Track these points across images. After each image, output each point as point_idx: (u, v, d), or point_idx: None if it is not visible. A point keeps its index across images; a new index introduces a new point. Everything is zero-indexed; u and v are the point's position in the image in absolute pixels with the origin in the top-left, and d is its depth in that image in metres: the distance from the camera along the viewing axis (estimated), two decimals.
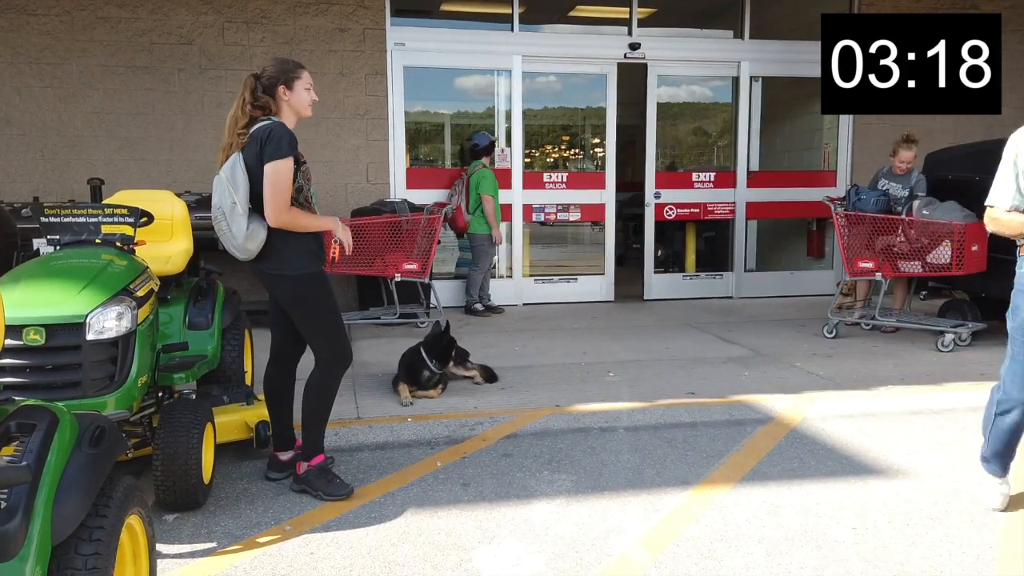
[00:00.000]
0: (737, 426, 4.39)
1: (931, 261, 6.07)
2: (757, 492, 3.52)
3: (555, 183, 8.34)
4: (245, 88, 3.32)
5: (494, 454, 3.98)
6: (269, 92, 3.34)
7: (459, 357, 5.07)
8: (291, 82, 3.38)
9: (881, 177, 6.69)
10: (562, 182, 8.36)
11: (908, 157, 6.52)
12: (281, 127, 3.27)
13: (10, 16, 6.89)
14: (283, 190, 3.21)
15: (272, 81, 3.34)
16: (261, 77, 3.35)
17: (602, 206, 8.47)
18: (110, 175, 6.81)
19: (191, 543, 3.03)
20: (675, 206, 8.57)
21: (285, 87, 3.36)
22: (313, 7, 7.46)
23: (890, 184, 6.58)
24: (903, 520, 3.24)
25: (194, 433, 3.20)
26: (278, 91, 3.35)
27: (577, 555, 2.96)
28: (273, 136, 3.21)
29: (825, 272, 8.93)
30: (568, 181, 8.38)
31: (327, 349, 3.44)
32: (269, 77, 3.35)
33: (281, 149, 3.20)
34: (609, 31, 8.64)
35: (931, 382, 5.20)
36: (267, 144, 3.19)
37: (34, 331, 2.91)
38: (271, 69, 3.38)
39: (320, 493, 3.42)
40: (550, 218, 8.40)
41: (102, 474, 2.02)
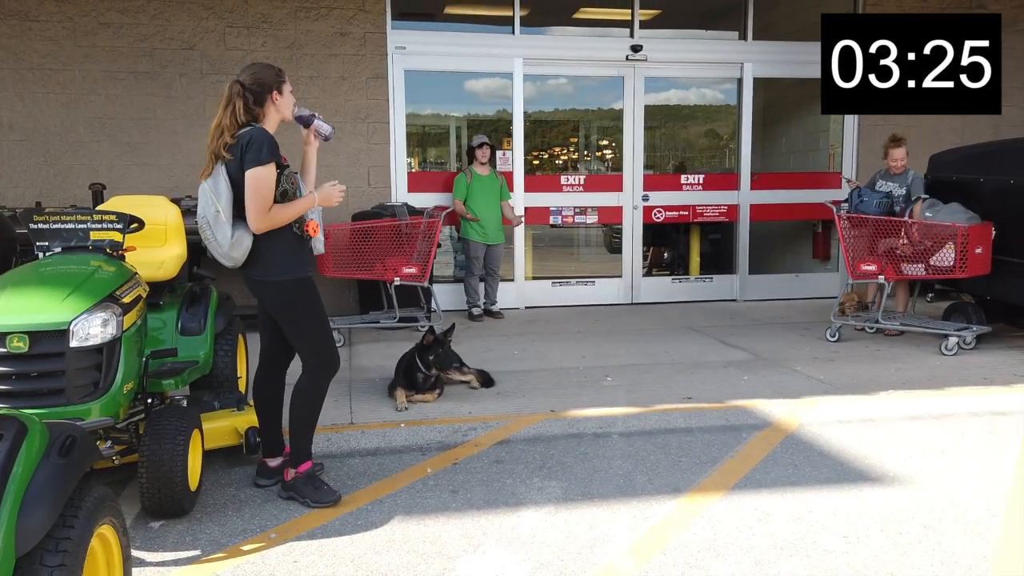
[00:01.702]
0: (733, 431, 4.35)
1: (934, 263, 6.00)
2: (749, 499, 3.47)
3: (571, 186, 8.31)
4: (236, 97, 3.25)
5: (485, 460, 3.96)
6: (259, 100, 3.32)
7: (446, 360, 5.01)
8: (281, 87, 3.38)
9: (879, 179, 6.63)
10: (579, 185, 8.32)
11: (899, 155, 6.48)
12: (262, 132, 3.25)
13: (13, 22, 6.94)
14: (264, 196, 3.20)
15: (264, 88, 3.32)
16: (249, 85, 3.30)
17: (619, 208, 8.42)
18: (112, 180, 6.85)
19: (175, 551, 3.02)
20: (664, 208, 8.49)
21: (277, 92, 3.35)
22: (314, 11, 7.47)
23: (888, 184, 6.53)
24: (896, 528, 3.19)
25: (180, 440, 3.19)
26: (270, 96, 3.34)
27: (562, 564, 2.93)
28: (253, 142, 3.19)
29: (831, 275, 8.85)
30: (585, 184, 8.34)
31: (314, 355, 3.43)
32: (260, 84, 3.31)
33: (261, 155, 3.18)
34: (611, 33, 8.60)
35: (933, 386, 5.13)
36: (248, 151, 3.18)
37: (17, 338, 2.90)
38: (261, 75, 3.33)
39: (307, 500, 3.41)
40: (567, 221, 8.37)
41: (70, 484, 2.01)
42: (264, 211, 3.21)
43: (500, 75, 8.17)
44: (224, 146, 3.21)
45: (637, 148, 8.39)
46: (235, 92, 3.27)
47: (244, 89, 3.28)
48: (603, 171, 9.48)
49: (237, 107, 3.25)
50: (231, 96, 3.27)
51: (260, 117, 3.32)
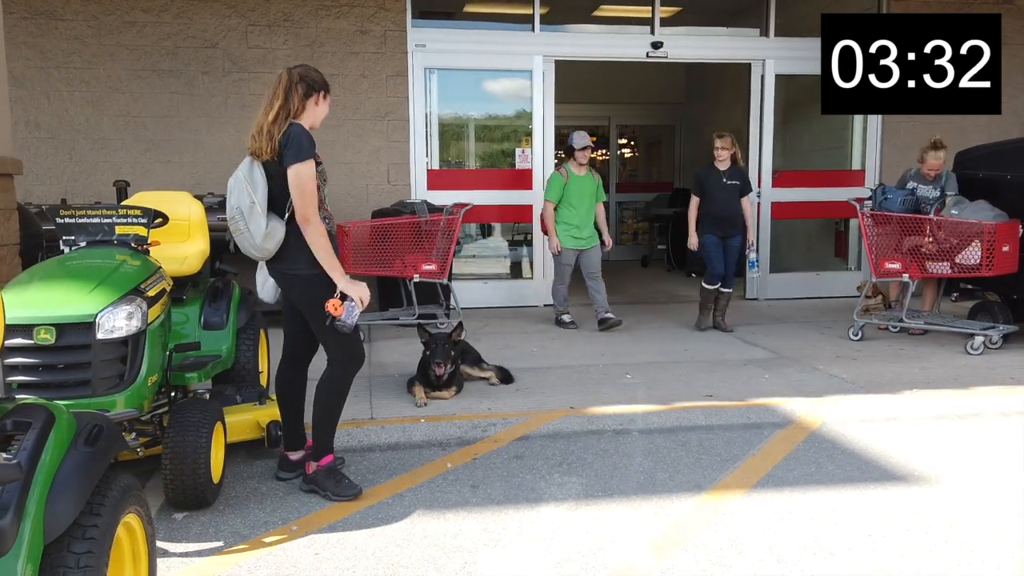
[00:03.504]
0: (754, 429, 4.31)
1: (960, 262, 5.91)
2: (771, 498, 3.44)
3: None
4: (293, 89, 3.28)
5: (505, 456, 3.96)
6: (307, 95, 3.35)
7: (465, 357, 5.03)
8: (327, 92, 3.45)
9: (910, 179, 6.54)
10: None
11: (936, 165, 6.32)
12: (300, 129, 3.28)
13: (39, 21, 7.04)
14: (310, 192, 3.23)
15: (314, 86, 3.37)
16: (304, 77, 3.34)
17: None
18: (136, 177, 6.91)
19: (198, 542, 3.05)
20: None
21: (323, 95, 3.42)
22: (335, 9, 7.50)
23: (919, 185, 6.43)
24: (921, 528, 3.14)
25: (203, 432, 3.22)
26: (316, 97, 3.38)
27: (583, 559, 2.91)
28: (293, 139, 3.22)
29: (853, 274, 8.76)
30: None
31: (340, 350, 3.44)
32: (313, 80, 3.37)
33: (302, 152, 3.22)
34: (631, 30, 8.58)
35: (958, 386, 5.06)
36: (288, 147, 3.21)
37: (44, 330, 2.94)
38: (314, 74, 3.40)
39: (328, 493, 3.42)
40: None
41: (97, 473, 2.03)
42: (312, 207, 3.23)
43: (520, 73, 8.16)
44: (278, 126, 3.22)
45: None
46: (294, 80, 3.30)
47: (301, 79, 3.32)
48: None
49: (295, 94, 3.27)
50: (290, 83, 3.29)
51: (300, 112, 3.34)
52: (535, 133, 8.08)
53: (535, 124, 8.07)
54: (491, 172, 8.62)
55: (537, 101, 8.04)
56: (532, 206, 8.07)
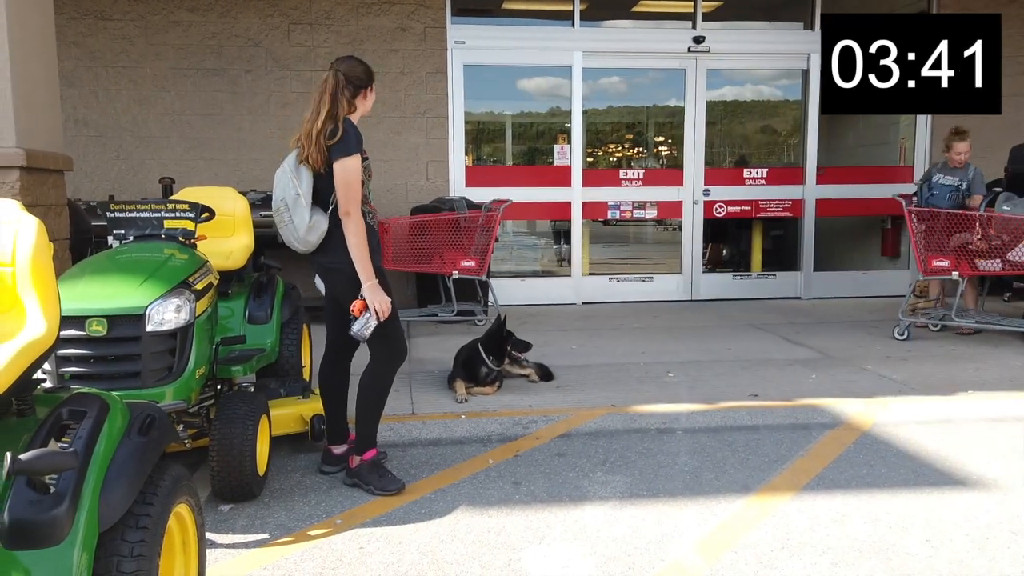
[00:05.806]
0: (802, 430, 4.22)
1: (1012, 259, 5.72)
2: (822, 499, 3.36)
3: (630, 180, 8.20)
4: (341, 93, 3.28)
5: (547, 453, 3.92)
6: (355, 94, 3.36)
7: (516, 351, 5.00)
8: (372, 84, 3.46)
9: (935, 172, 6.39)
10: (637, 179, 8.22)
11: (963, 148, 6.26)
12: (348, 123, 3.29)
13: (88, 21, 7.18)
14: (355, 187, 3.24)
15: (361, 83, 3.38)
16: (350, 78, 3.34)
17: (679, 203, 8.29)
18: (181, 174, 7.02)
19: (244, 534, 3.06)
20: (725, 203, 8.31)
21: (369, 89, 3.43)
22: (375, 7, 7.53)
23: (944, 178, 6.28)
24: (981, 534, 3.04)
25: (249, 425, 3.23)
26: (363, 92, 3.39)
27: (629, 559, 2.87)
28: (342, 133, 3.23)
29: (900, 272, 8.54)
30: (644, 178, 8.23)
31: (382, 345, 3.43)
32: (359, 78, 3.37)
33: (349, 147, 3.23)
34: (672, 25, 8.46)
35: (1016, 388, 4.89)
36: (336, 142, 3.22)
37: (96, 322, 2.98)
38: (359, 70, 3.39)
39: (372, 488, 3.42)
40: (625, 215, 8.26)
41: (150, 462, 2.04)
42: (356, 200, 3.24)
43: (559, 68, 8.11)
44: (325, 132, 3.23)
45: (698, 141, 8.23)
46: (340, 83, 3.30)
47: (348, 82, 3.32)
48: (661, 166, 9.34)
49: (342, 97, 3.28)
50: (336, 87, 3.29)
51: (349, 113, 3.35)
52: (574, 130, 8.02)
53: (574, 121, 8.01)
54: (529, 169, 8.60)
55: (576, 97, 7.98)
56: (570, 203, 8.03)
